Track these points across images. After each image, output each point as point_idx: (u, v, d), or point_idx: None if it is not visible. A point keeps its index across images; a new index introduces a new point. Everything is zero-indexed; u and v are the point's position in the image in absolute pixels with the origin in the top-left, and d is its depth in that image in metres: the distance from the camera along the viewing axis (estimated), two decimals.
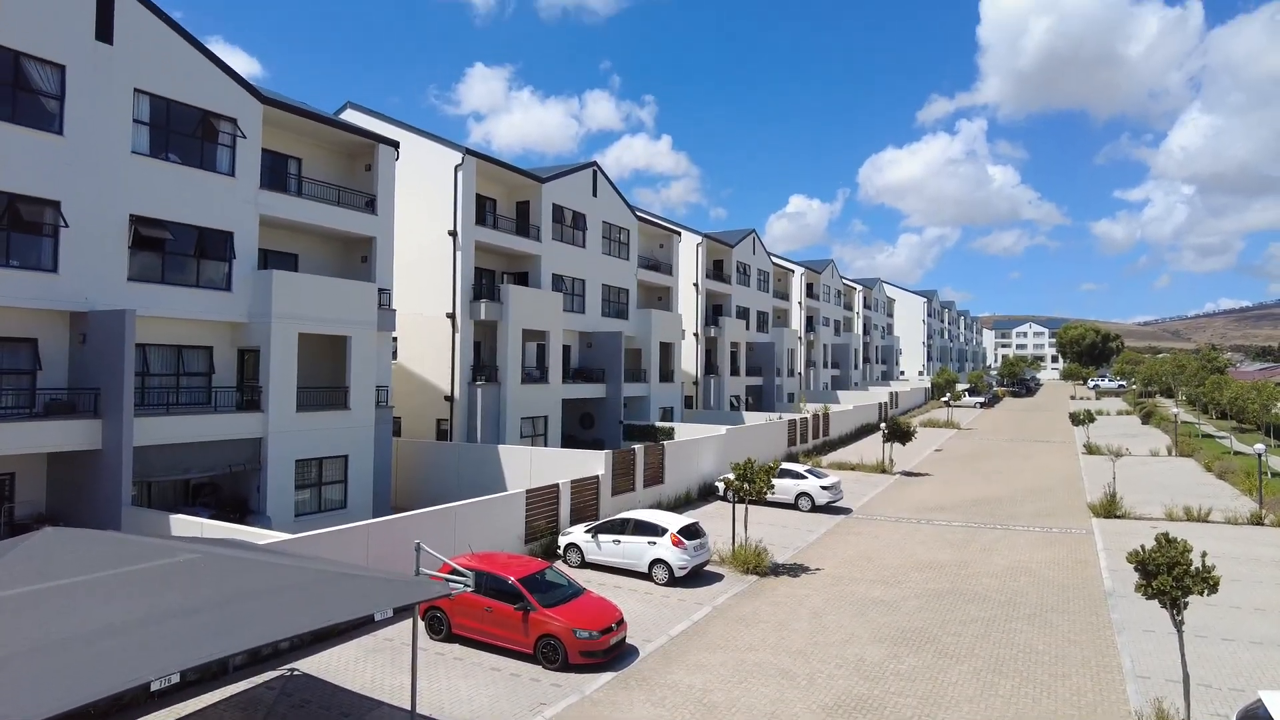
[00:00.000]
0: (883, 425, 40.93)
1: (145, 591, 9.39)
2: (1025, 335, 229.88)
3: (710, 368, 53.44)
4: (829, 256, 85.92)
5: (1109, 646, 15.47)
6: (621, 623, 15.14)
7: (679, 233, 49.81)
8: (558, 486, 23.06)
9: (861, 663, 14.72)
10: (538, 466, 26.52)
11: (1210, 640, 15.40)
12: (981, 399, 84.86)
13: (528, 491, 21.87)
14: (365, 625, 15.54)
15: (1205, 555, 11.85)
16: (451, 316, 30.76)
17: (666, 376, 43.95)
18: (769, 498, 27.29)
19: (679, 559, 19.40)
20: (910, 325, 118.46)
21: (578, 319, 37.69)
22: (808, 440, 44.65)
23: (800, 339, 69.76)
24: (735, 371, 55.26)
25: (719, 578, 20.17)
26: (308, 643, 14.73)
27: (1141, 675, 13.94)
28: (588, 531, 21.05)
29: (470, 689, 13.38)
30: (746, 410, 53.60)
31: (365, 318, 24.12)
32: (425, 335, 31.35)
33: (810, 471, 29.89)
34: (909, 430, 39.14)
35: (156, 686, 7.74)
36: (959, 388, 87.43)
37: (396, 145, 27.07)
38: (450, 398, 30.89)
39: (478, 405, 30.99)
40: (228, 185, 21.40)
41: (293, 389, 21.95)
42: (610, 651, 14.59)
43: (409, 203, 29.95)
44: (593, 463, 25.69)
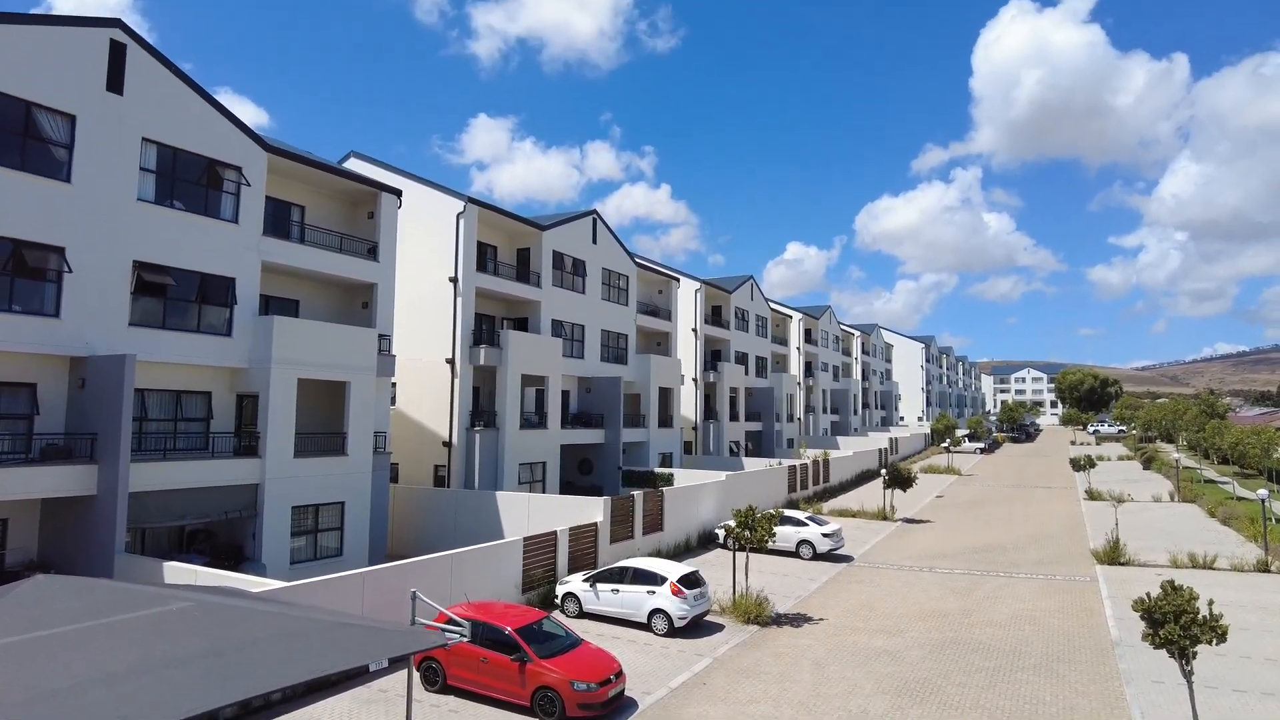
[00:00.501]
0: (883, 471, 40.71)
1: (136, 641, 9.22)
2: (1024, 380, 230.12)
3: (709, 413, 53.35)
4: (827, 302, 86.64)
5: (1118, 698, 15.16)
6: (620, 674, 14.85)
7: (678, 279, 50.20)
8: (555, 534, 22.82)
9: (865, 715, 14.41)
10: (535, 513, 26.29)
11: (1221, 691, 15.10)
12: (981, 445, 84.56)
13: (525, 539, 21.65)
14: (359, 676, 15.23)
15: (1212, 603, 11.71)
16: (451, 362, 30.82)
17: (665, 422, 43.86)
18: (770, 545, 26.99)
19: (679, 609, 19.11)
20: (909, 370, 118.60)
21: (577, 364, 37.75)
22: (808, 486, 44.35)
23: (799, 384, 69.80)
24: (735, 417, 55.14)
25: (719, 628, 19.85)
26: (301, 694, 14.42)
27: None
28: (586, 580, 20.76)
29: None
30: (746, 456, 53.37)
31: (365, 363, 24.16)
32: (424, 380, 31.37)
33: (811, 518, 29.64)
34: (910, 476, 38.93)
35: None
36: (959, 433, 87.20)
37: (399, 193, 27.44)
38: (448, 443, 30.76)
39: (476, 451, 30.84)
40: (231, 232, 21.63)
41: (291, 435, 21.88)
42: (609, 704, 14.29)
43: (411, 249, 30.26)
44: (591, 509, 25.48)
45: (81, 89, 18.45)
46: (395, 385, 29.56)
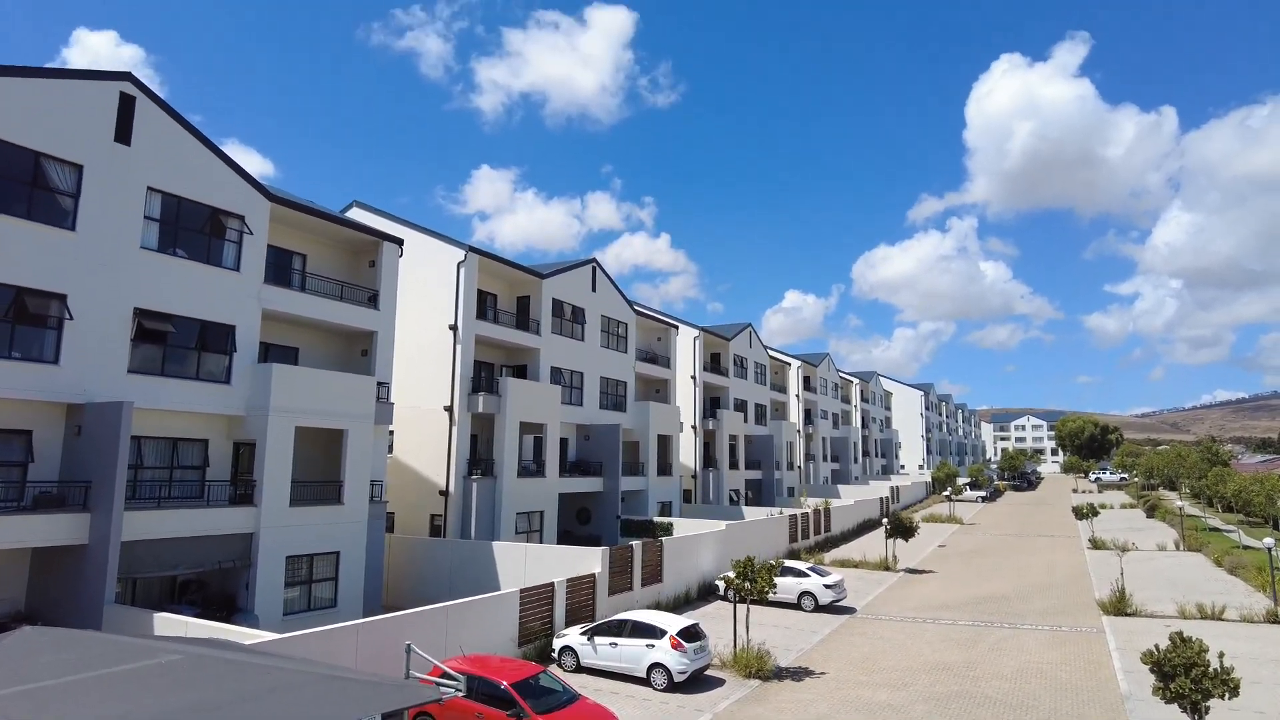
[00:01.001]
0: (884, 520, 40.31)
1: (124, 695, 9.00)
2: (1024, 428, 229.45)
3: (709, 461, 53.04)
4: (825, 350, 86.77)
5: None
6: None
7: (676, 326, 50.42)
8: (553, 585, 22.47)
9: None
10: (533, 564, 25.92)
11: None
12: (983, 493, 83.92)
13: (522, 591, 21.31)
14: None
15: (1223, 655, 11.49)
16: (449, 409, 30.74)
17: (665, 470, 43.57)
18: (771, 597, 26.56)
19: (678, 662, 18.72)
20: (908, 418, 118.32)
21: (576, 411, 37.66)
22: (809, 536, 43.85)
23: (799, 432, 69.55)
24: (734, 465, 54.81)
25: (720, 682, 19.41)
26: None
27: None
28: (583, 633, 20.38)
29: None
30: (746, 504, 52.89)
31: (363, 411, 24.08)
32: (422, 428, 31.23)
33: (813, 569, 29.25)
34: (911, 526, 38.53)
35: None
36: (960, 482, 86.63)
37: (400, 242, 27.71)
38: (445, 492, 30.49)
39: (473, 500, 30.53)
40: (232, 280, 21.77)
41: (287, 483, 21.68)
42: None
43: (411, 297, 30.43)
44: (589, 560, 25.13)
45: (90, 140, 18.77)
46: (393, 433, 29.43)
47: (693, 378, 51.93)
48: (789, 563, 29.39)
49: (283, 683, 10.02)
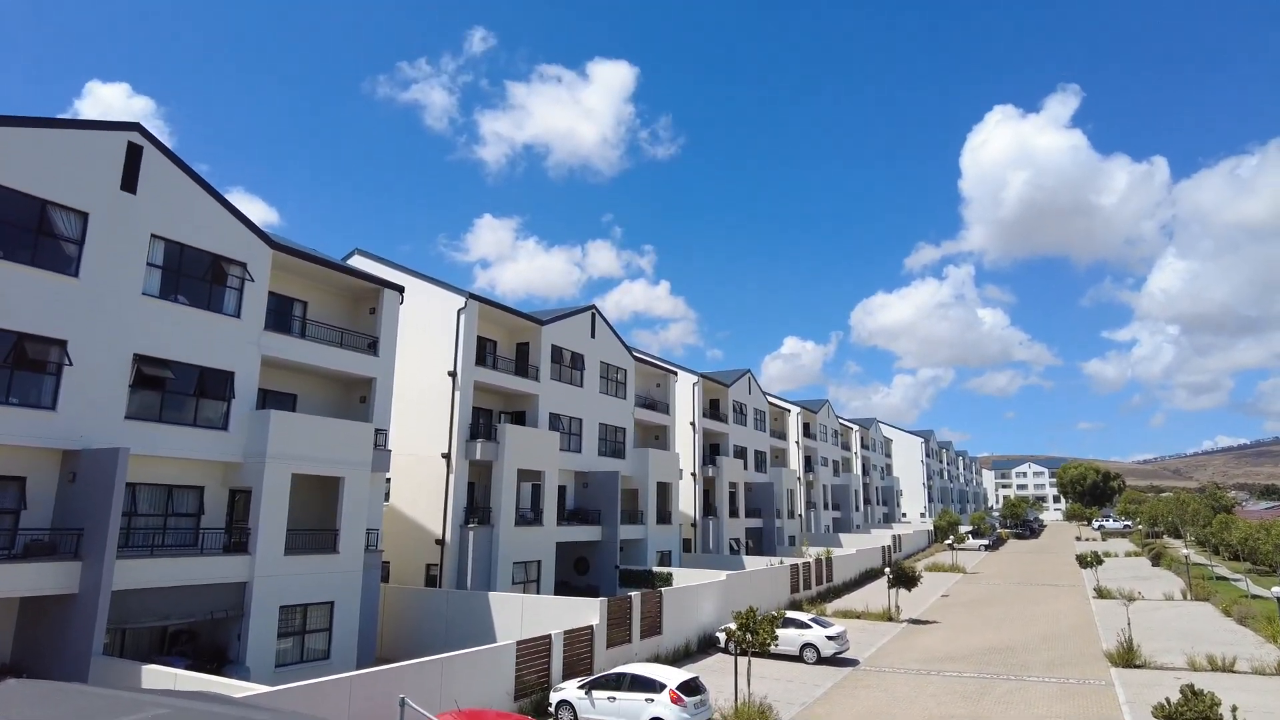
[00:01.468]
0: (887, 570, 39.78)
1: None
2: (1025, 475, 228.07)
3: (709, 509, 52.55)
4: (825, 397, 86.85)
5: None
6: None
7: (675, 372, 50.45)
8: (550, 638, 22.05)
9: None
10: (529, 615, 25.47)
11: None
12: (985, 541, 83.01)
13: (518, 643, 20.91)
14: None
15: (1236, 709, 11.23)
16: (447, 456, 30.55)
17: (664, 518, 43.13)
18: (772, 649, 26.07)
19: (678, 717, 18.29)
20: (909, 466, 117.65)
21: (574, 458, 37.44)
22: (811, 586, 43.22)
23: (799, 479, 69.06)
24: (734, 513, 54.29)
25: None
26: None
27: None
28: (581, 687, 19.96)
29: None
30: (747, 554, 52.25)
31: (361, 458, 23.92)
32: (418, 476, 31.00)
33: (815, 620, 28.79)
34: (914, 575, 38.02)
35: None
36: (962, 530, 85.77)
37: (401, 289, 27.88)
38: (441, 541, 30.11)
39: (469, 549, 30.14)
40: (233, 327, 21.83)
41: (282, 531, 21.42)
42: None
43: (410, 344, 30.48)
44: (587, 612, 24.71)
45: (97, 188, 19.01)
46: (389, 481, 29.19)
47: (692, 424, 51.77)
48: (790, 614, 28.93)
49: None
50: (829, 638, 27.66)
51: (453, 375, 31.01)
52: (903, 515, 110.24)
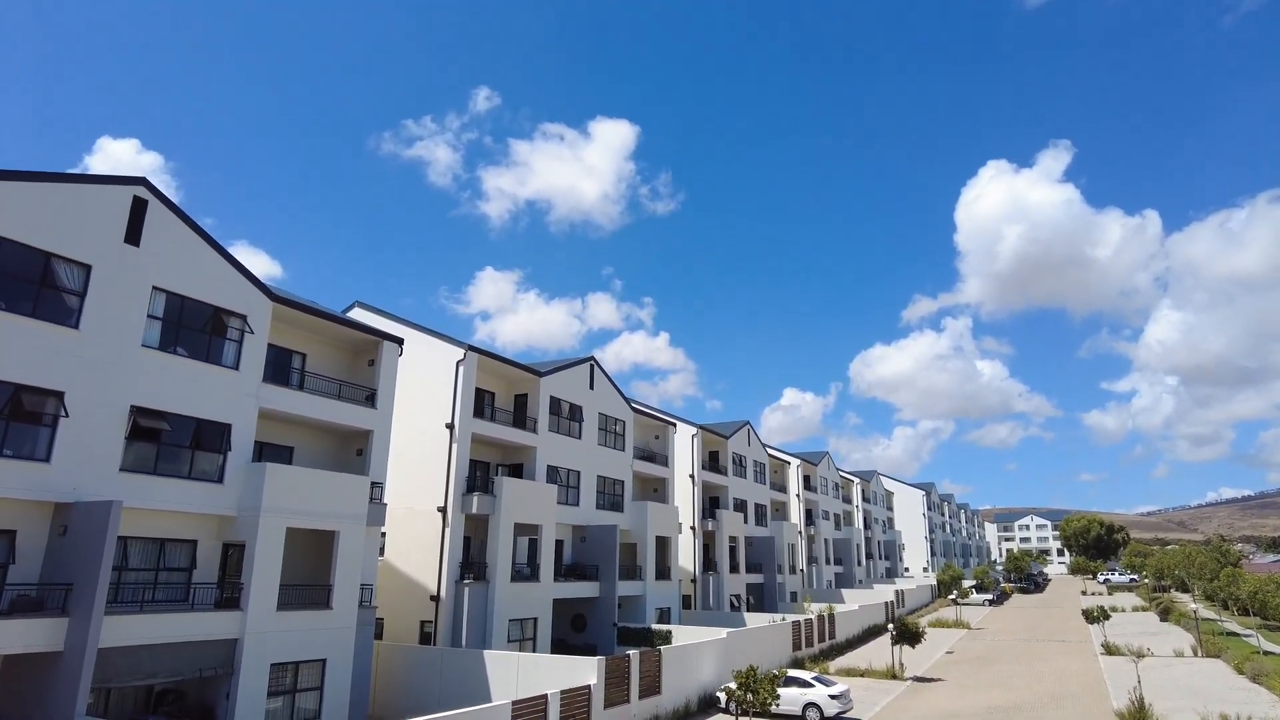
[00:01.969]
0: (890, 626, 39.00)
1: None
2: (1028, 528, 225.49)
3: (708, 564, 51.73)
4: (825, 448, 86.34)
5: None
6: None
7: (674, 424, 50.22)
8: (546, 698, 21.48)
9: None
10: (525, 675, 24.87)
11: None
12: (990, 596, 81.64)
13: (514, 704, 20.36)
14: None
15: None
16: (443, 510, 30.20)
17: (663, 574, 42.41)
18: (774, 709, 25.41)
19: None
20: (911, 519, 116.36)
21: (572, 511, 37.02)
22: (813, 644, 42.34)
23: (800, 533, 68.19)
24: (735, 568, 53.42)
25: None
26: None
27: None
28: None
29: None
30: (748, 610, 51.30)
31: (356, 512, 23.63)
32: (414, 530, 30.60)
33: (818, 678, 28.15)
34: (918, 631, 37.29)
35: None
36: (965, 584, 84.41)
37: (400, 342, 27.95)
38: (436, 597, 29.56)
39: (464, 606, 29.57)
40: (231, 379, 21.81)
41: (275, 586, 21.02)
42: None
43: (408, 396, 30.43)
44: (584, 671, 24.13)
45: (101, 241, 19.18)
46: (384, 535, 28.81)
47: (691, 476, 51.33)
48: (792, 672, 28.32)
49: None
50: (832, 696, 26.98)
51: (450, 427, 30.87)
52: (905, 569, 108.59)
